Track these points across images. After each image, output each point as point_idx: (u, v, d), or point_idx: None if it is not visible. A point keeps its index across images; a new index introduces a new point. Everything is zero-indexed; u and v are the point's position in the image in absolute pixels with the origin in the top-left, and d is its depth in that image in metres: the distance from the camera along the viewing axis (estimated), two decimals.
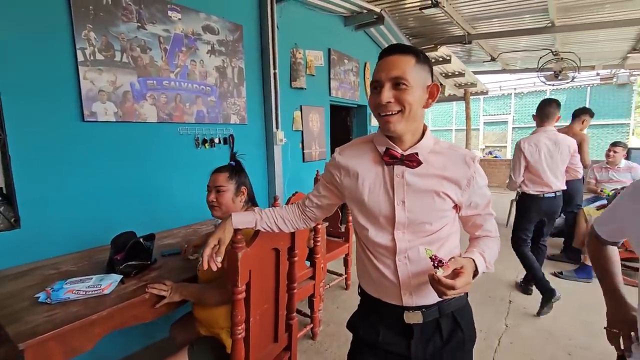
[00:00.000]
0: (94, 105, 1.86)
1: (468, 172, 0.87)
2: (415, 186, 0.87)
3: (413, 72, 0.82)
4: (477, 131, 12.96)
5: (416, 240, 0.88)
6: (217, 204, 1.42)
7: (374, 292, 0.95)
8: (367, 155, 0.93)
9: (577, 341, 2.18)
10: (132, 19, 2.01)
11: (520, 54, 6.76)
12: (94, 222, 1.89)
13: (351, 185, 0.93)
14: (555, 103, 2.60)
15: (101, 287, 1.28)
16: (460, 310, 0.94)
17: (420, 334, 0.91)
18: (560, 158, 2.55)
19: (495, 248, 0.94)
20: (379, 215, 0.89)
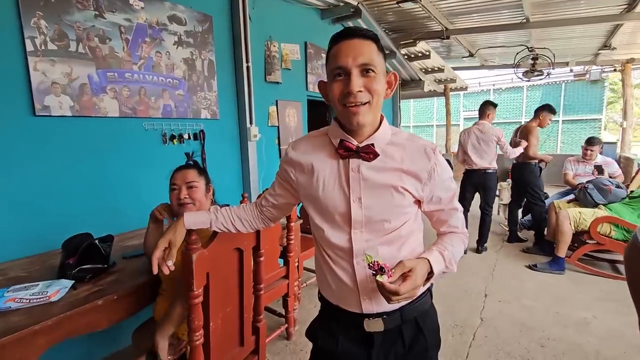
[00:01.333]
0: (46, 98, 1.73)
1: (428, 165, 0.81)
2: (372, 181, 0.80)
3: (377, 58, 0.77)
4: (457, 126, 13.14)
5: (375, 239, 0.82)
6: (191, 201, 1.36)
7: (333, 299, 0.89)
8: (322, 150, 0.86)
9: (550, 333, 2.21)
10: (89, 7, 1.88)
11: (498, 50, 6.85)
12: (48, 225, 1.77)
13: (305, 181, 0.87)
14: (488, 103, 3.56)
15: (48, 294, 1.18)
16: (423, 315, 0.89)
17: (382, 342, 0.85)
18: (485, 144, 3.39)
19: (460, 245, 0.89)
20: (334, 213, 0.83)
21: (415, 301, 0.86)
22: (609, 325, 2.28)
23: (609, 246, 2.99)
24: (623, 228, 2.93)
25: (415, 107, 14.43)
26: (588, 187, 3.29)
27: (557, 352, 2.02)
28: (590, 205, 3.25)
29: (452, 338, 2.19)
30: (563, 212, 3.15)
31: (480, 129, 3.45)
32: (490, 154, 3.42)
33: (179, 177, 1.38)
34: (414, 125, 14.56)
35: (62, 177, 1.83)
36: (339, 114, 0.80)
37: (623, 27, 5.28)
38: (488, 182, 3.47)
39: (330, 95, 0.79)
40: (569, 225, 3.08)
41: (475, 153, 3.44)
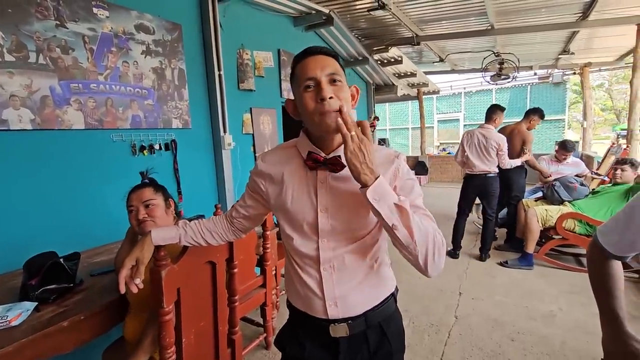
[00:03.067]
0: (4, 112, 1.66)
1: (392, 167, 0.83)
2: (339, 191, 0.82)
3: (341, 71, 0.82)
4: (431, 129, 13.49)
5: (341, 248, 0.83)
6: (151, 219, 1.32)
7: (301, 306, 0.91)
8: (291, 161, 0.88)
9: (520, 327, 2.30)
10: (49, 17, 1.82)
11: (467, 55, 7.13)
12: (8, 245, 1.68)
13: (276, 192, 0.88)
14: (496, 107, 3.45)
15: (8, 318, 1.13)
16: (387, 320, 0.91)
17: (347, 347, 0.87)
18: (485, 150, 3.34)
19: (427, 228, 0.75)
20: (303, 222, 0.84)
21: (379, 306, 0.88)
22: (573, 316, 2.40)
23: (573, 240, 3.16)
24: (586, 223, 3.11)
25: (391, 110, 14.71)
26: (555, 184, 3.47)
27: (527, 345, 2.11)
28: (556, 202, 3.43)
29: (428, 337, 2.24)
30: (531, 211, 3.30)
31: (484, 134, 3.36)
32: (491, 159, 3.36)
33: (134, 198, 1.36)
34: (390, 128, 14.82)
35: (23, 193, 1.75)
36: (314, 125, 0.80)
37: (579, 33, 5.62)
38: (489, 186, 3.40)
39: (303, 109, 0.80)
40: (536, 223, 3.23)
41: (477, 157, 3.37)
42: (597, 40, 6.22)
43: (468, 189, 3.57)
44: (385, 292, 0.91)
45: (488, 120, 3.45)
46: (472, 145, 3.41)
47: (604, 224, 0.87)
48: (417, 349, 2.13)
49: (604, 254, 0.84)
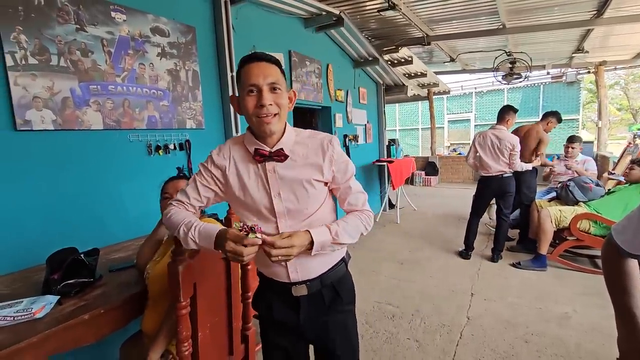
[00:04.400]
0: (27, 113, 1.72)
1: (328, 152, 0.99)
2: (287, 178, 0.97)
3: (281, 79, 0.96)
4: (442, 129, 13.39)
5: (297, 225, 0.98)
6: None
7: (268, 273, 1.05)
8: (242, 155, 1.01)
9: (533, 328, 2.28)
10: (70, 21, 1.88)
11: (478, 55, 7.06)
12: (31, 240, 1.74)
13: (231, 183, 1.00)
14: (509, 108, 3.45)
15: (33, 310, 1.17)
16: (339, 280, 1.07)
17: (307, 304, 1.03)
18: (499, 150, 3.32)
19: (354, 222, 1.01)
20: (260, 207, 0.98)
21: (332, 269, 1.05)
22: (589, 318, 2.36)
23: (588, 242, 3.10)
24: (601, 224, 3.05)
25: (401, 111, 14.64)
26: (570, 185, 3.41)
27: (540, 347, 2.09)
28: (571, 202, 3.37)
29: (440, 337, 2.23)
30: (544, 211, 3.25)
31: (497, 135, 3.35)
32: (504, 160, 3.33)
33: (171, 187, 1.45)
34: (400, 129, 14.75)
35: (45, 191, 1.81)
36: (252, 125, 0.96)
37: (594, 31, 5.52)
38: (506, 186, 3.37)
39: (244, 110, 0.95)
40: (550, 224, 3.19)
41: (492, 158, 3.36)
42: (613, 38, 6.09)
43: (484, 191, 3.53)
44: (335, 258, 1.07)
45: (500, 121, 3.43)
46: (486, 146, 3.39)
47: (618, 222, 0.87)
48: (429, 349, 2.12)
49: (619, 252, 0.83)
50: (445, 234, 4.51)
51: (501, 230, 3.49)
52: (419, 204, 6.46)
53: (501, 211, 3.47)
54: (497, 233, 3.51)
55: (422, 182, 9.34)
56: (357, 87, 5.28)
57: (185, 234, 0.95)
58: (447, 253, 3.81)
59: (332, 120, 4.58)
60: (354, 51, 4.90)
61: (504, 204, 3.44)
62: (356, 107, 5.23)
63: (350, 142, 4.98)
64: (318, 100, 4.21)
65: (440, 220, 5.32)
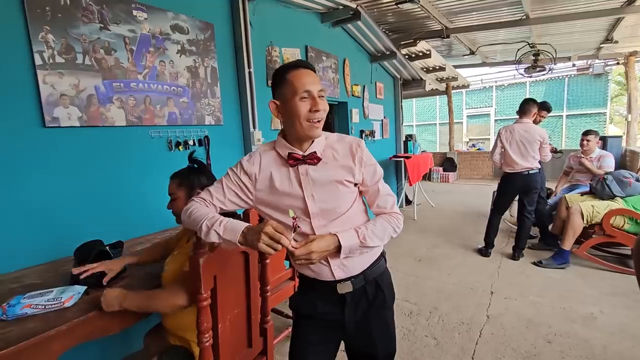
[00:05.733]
0: (55, 110, 1.79)
1: (357, 154, 1.03)
2: (319, 180, 1.01)
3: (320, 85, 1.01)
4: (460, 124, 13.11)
5: (329, 223, 1.02)
6: (174, 213, 1.38)
7: (311, 274, 1.08)
8: (274, 160, 1.06)
9: (557, 328, 2.21)
10: (94, 20, 1.93)
11: (499, 47, 6.85)
12: (60, 233, 1.82)
13: (264, 188, 1.05)
14: (531, 101, 3.31)
15: (62, 300, 1.22)
16: (381, 275, 1.11)
17: (351, 300, 1.07)
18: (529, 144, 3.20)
19: (383, 225, 1.04)
20: (295, 209, 1.00)
21: (373, 265, 1.09)
22: (616, 320, 2.28)
23: (620, 239, 2.96)
24: (637, 221, 2.91)
25: (418, 106, 14.40)
26: (607, 178, 3.21)
27: (564, 348, 2.03)
28: (606, 197, 3.18)
29: (459, 335, 2.20)
30: (575, 206, 3.13)
31: (525, 129, 3.24)
32: (533, 155, 3.24)
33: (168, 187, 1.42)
34: (417, 124, 14.53)
35: (72, 186, 1.88)
36: (299, 129, 0.99)
37: (624, 20, 5.25)
38: (532, 183, 3.27)
39: (295, 114, 0.97)
40: (580, 219, 3.06)
41: (519, 154, 3.23)
42: None
43: (508, 188, 3.42)
44: (376, 253, 1.11)
45: (526, 114, 3.32)
46: (513, 141, 3.26)
47: None
48: (447, 347, 2.09)
49: None
50: (463, 231, 4.42)
51: (524, 228, 3.39)
52: (437, 201, 6.36)
53: (525, 209, 3.37)
54: (520, 231, 3.42)
55: (440, 178, 9.19)
56: (374, 82, 5.22)
57: (208, 228, 0.95)
58: (466, 250, 3.74)
59: (348, 115, 4.55)
60: (371, 45, 4.85)
61: (528, 201, 3.34)
62: (373, 102, 5.18)
63: (366, 137, 4.94)
64: (334, 96, 4.19)
65: (459, 217, 5.23)
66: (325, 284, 1.06)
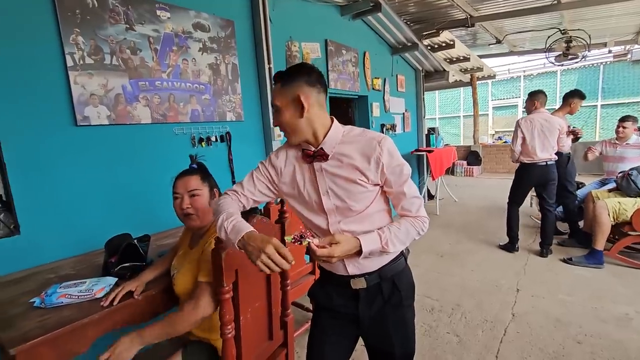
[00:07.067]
0: (86, 109, 1.87)
1: (374, 154, 0.97)
2: (334, 177, 1.01)
3: (280, 98, 0.99)
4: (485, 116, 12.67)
5: (345, 219, 1.02)
6: (194, 211, 1.29)
7: (327, 267, 1.10)
8: (296, 156, 1.08)
9: (587, 329, 2.13)
10: (120, 21, 2.00)
11: (528, 35, 6.54)
12: (91, 226, 1.91)
13: (289, 182, 1.09)
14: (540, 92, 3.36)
15: (94, 291, 1.29)
16: (398, 274, 1.08)
17: (365, 296, 1.07)
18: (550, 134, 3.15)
19: (406, 228, 1.01)
20: (312, 204, 1.05)
21: (390, 263, 1.06)
22: None
23: None
24: None
25: (441, 98, 14.03)
26: (632, 174, 3.06)
27: (595, 349, 1.94)
28: (633, 193, 3.04)
29: (482, 333, 2.15)
30: (600, 203, 2.99)
31: (545, 118, 3.19)
32: (552, 145, 3.18)
33: (180, 185, 1.32)
34: (440, 117, 14.17)
35: (101, 182, 1.97)
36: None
37: None
38: (551, 174, 3.20)
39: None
40: (607, 217, 2.92)
41: (539, 144, 3.16)
42: None
43: (525, 179, 3.34)
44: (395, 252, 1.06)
45: (542, 104, 3.31)
46: (535, 131, 3.18)
47: None
48: (470, 344, 2.06)
49: None
50: (487, 227, 4.30)
51: (547, 222, 3.27)
52: (460, 195, 6.21)
53: (545, 202, 3.27)
54: (544, 225, 3.30)
55: (464, 172, 8.95)
56: (395, 75, 5.13)
57: (221, 223, 0.96)
58: (490, 246, 3.64)
59: (369, 109, 4.50)
60: (391, 37, 4.75)
61: (546, 193, 3.25)
62: (394, 95, 5.10)
63: (387, 131, 4.87)
64: (354, 90, 4.15)
65: (483, 212, 5.08)
66: (340, 278, 1.07)
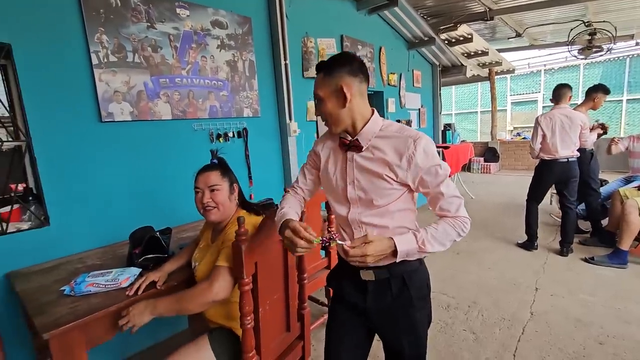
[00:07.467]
0: (110, 106, 1.93)
1: (407, 153, 0.96)
2: (363, 168, 1.02)
3: (325, 88, 0.99)
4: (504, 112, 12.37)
5: (366, 211, 1.04)
6: (214, 205, 1.34)
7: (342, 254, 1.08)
8: (333, 144, 1.12)
9: (610, 330, 2.07)
10: (142, 19, 2.05)
11: (550, 28, 6.34)
12: (116, 218, 1.98)
13: (323, 168, 1.14)
14: (566, 86, 3.19)
15: (119, 280, 1.34)
16: (410, 273, 1.06)
17: (374, 289, 1.07)
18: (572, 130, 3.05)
19: (445, 229, 0.98)
20: (338, 191, 1.08)
21: (403, 262, 1.02)
22: None
23: None
24: None
25: (457, 93, 13.76)
26: None
27: (618, 351, 1.90)
28: None
29: (500, 331, 2.13)
30: (631, 202, 2.89)
31: (567, 114, 3.08)
32: (574, 141, 3.08)
33: (201, 180, 1.36)
34: (456, 112, 13.91)
35: (125, 175, 2.04)
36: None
37: None
38: (572, 171, 3.11)
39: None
40: (637, 216, 2.82)
41: (560, 140, 3.07)
42: None
43: (545, 175, 3.26)
44: None
45: (562, 99, 3.17)
46: (556, 128, 3.09)
47: None
48: (487, 342, 2.04)
49: None
50: (505, 224, 4.22)
51: (568, 220, 3.18)
52: (477, 192, 6.11)
53: (566, 199, 3.18)
54: (564, 224, 3.21)
55: (481, 169, 8.79)
56: (411, 70, 5.07)
57: (276, 214, 1.12)
58: (508, 244, 3.58)
59: (384, 105, 4.47)
60: (408, 32, 4.69)
61: (567, 191, 3.16)
62: (409, 90, 5.04)
63: None
64: (370, 85, 4.11)
65: (500, 209, 4.99)
66: (351, 267, 1.07)
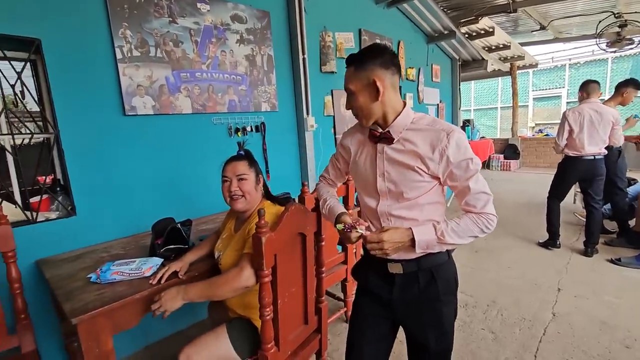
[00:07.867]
0: (133, 99, 1.97)
1: (440, 146, 0.96)
2: (393, 160, 1.02)
3: (356, 82, 1.00)
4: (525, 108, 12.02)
5: (396, 204, 1.04)
6: (242, 193, 1.37)
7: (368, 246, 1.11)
8: (362, 136, 1.13)
9: (638, 333, 2.00)
10: (164, 14, 2.08)
11: (576, 20, 6.10)
12: (139, 210, 2.03)
13: (354, 159, 1.15)
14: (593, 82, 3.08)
15: (142, 270, 1.37)
16: (438, 266, 1.06)
17: (401, 282, 1.07)
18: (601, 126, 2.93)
19: (467, 224, 0.98)
20: (368, 183, 1.09)
21: (431, 255, 1.04)
22: None
23: None
24: None
25: (477, 88, 13.45)
26: None
27: None
28: None
29: (520, 332, 2.08)
30: None
31: (597, 110, 2.95)
32: (603, 138, 2.96)
33: (229, 170, 1.40)
34: (475, 108, 13.61)
35: (147, 168, 2.08)
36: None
37: None
38: (598, 169, 2.99)
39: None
40: None
41: (588, 137, 2.95)
42: None
43: (569, 173, 3.16)
44: None
45: (591, 94, 3.05)
46: (584, 123, 2.96)
47: None
48: (506, 342, 2.00)
49: None
50: (526, 223, 4.12)
51: (593, 220, 3.07)
52: (496, 190, 5.97)
53: (591, 198, 3.07)
54: (589, 224, 3.10)
55: (500, 166, 8.59)
56: (430, 64, 4.97)
57: (321, 206, 1.24)
58: (529, 243, 3.49)
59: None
60: (427, 25, 4.60)
61: (593, 190, 3.05)
62: (428, 85, 4.95)
63: None
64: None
65: (521, 208, 4.87)
66: (379, 260, 1.07)
